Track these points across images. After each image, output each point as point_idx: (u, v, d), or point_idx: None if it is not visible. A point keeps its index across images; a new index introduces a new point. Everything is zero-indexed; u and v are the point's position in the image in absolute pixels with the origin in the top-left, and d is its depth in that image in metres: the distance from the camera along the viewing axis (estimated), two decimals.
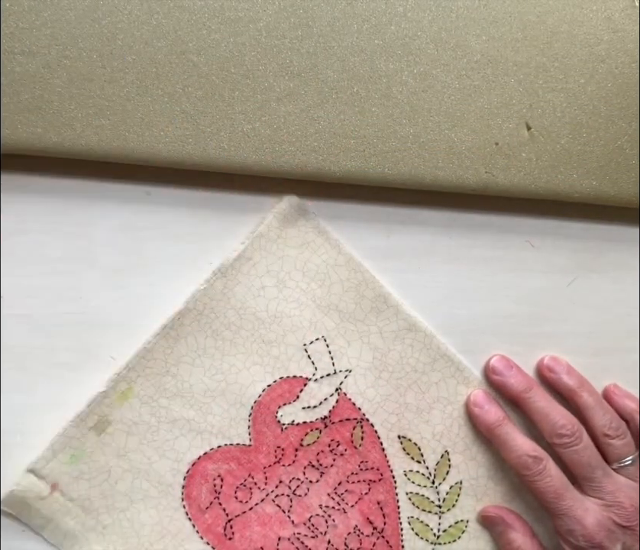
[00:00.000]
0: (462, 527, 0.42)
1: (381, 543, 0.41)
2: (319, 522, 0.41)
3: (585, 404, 0.40)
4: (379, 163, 0.39)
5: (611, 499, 0.38)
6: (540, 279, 0.42)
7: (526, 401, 0.40)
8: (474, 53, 0.39)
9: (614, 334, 0.42)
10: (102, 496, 0.40)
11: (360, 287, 0.41)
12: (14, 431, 0.40)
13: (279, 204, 0.41)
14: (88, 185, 0.40)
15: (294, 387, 0.41)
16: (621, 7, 0.39)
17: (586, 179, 0.39)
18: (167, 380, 0.40)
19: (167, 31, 0.38)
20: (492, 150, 0.39)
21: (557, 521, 0.39)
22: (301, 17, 0.38)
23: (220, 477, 0.41)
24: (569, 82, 0.39)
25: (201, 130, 0.38)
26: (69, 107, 0.38)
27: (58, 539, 0.40)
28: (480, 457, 0.42)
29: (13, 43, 0.37)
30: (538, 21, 0.39)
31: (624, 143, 0.39)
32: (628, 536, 0.38)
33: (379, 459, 0.41)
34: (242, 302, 0.40)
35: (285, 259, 0.41)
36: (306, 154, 0.39)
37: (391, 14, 0.38)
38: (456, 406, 0.42)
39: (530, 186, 0.39)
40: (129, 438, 0.40)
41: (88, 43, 0.38)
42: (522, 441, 0.39)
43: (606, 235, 0.42)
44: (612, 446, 0.39)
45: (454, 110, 0.39)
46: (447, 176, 0.39)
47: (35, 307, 0.40)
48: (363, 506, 0.41)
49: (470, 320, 0.42)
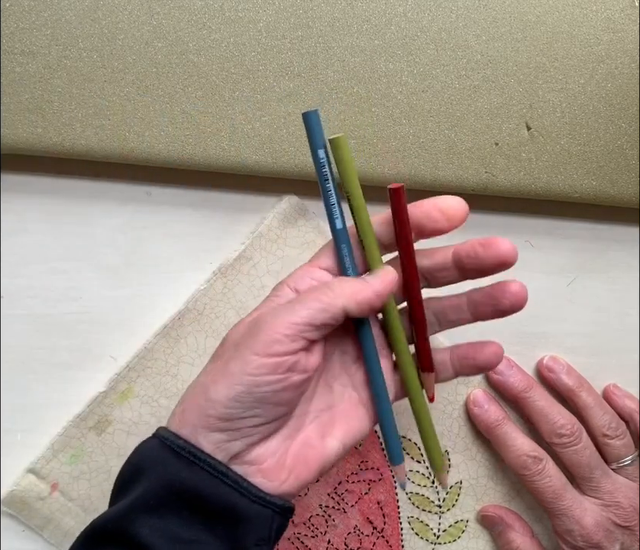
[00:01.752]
0: (462, 527, 0.42)
1: (381, 543, 0.41)
2: (319, 522, 0.41)
3: (584, 404, 0.40)
4: (379, 163, 0.39)
5: (610, 499, 0.38)
6: (540, 279, 0.42)
7: (526, 401, 0.40)
8: (474, 53, 0.39)
9: (614, 334, 0.42)
10: (102, 496, 0.40)
11: None
12: (14, 431, 0.40)
13: (279, 204, 0.41)
14: (88, 185, 0.40)
15: None
16: (621, 7, 0.39)
17: (586, 179, 0.39)
18: (167, 380, 0.40)
19: (167, 31, 0.38)
20: (492, 150, 0.39)
21: (555, 521, 0.39)
22: (301, 17, 0.38)
23: None
24: (569, 82, 0.39)
25: (201, 130, 0.38)
26: (69, 107, 0.38)
27: (58, 539, 0.40)
28: (480, 457, 0.42)
29: (13, 43, 0.37)
30: (537, 21, 0.39)
31: (624, 143, 0.39)
32: (627, 536, 0.38)
33: (379, 459, 0.41)
34: (242, 302, 0.40)
35: (285, 259, 0.41)
36: (306, 154, 0.39)
37: (391, 14, 0.38)
38: (456, 406, 0.42)
39: (530, 186, 0.39)
40: (129, 438, 0.40)
41: (88, 43, 0.38)
42: (521, 441, 0.39)
43: (606, 235, 0.42)
44: (612, 446, 0.39)
45: (454, 110, 0.39)
46: (447, 176, 0.39)
47: (35, 307, 0.40)
48: (363, 506, 0.41)
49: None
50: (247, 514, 0.29)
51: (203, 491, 0.28)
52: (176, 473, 0.28)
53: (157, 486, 0.29)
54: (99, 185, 0.40)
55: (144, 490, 0.29)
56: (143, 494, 0.29)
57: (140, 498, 0.29)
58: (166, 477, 0.29)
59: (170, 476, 0.29)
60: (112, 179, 0.40)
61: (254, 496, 0.29)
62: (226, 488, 0.28)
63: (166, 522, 0.28)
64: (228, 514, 0.29)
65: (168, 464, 0.29)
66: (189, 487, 0.28)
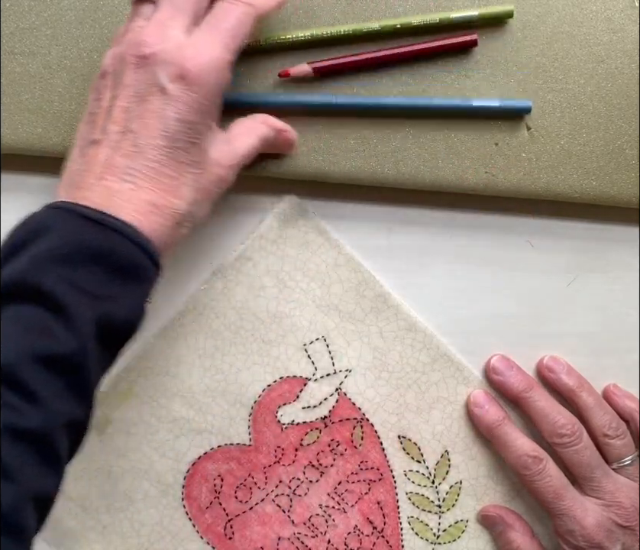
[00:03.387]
0: (462, 527, 0.42)
1: (381, 543, 0.41)
2: (319, 522, 0.41)
3: (584, 404, 0.40)
4: (379, 163, 0.39)
5: (610, 499, 0.38)
6: (540, 279, 0.42)
7: (526, 401, 0.40)
8: (474, 53, 0.39)
9: (614, 334, 0.42)
10: (102, 495, 0.40)
11: (360, 287, 0.41)
12: None
13: (279, 204, 0.41)
14: None
15: (294, 387, 0.41)
16: (621, 7, 0.39)
17: (586, 179, 0.39)
18: (167, 380, 0.40)
19: None
20: (492, 150, 0.39)
21: (556, 521, 0.39)
22: (301, 17, 0.38)
23: (220, 477, 0.41)
24: (569, 83, 0.39)
25: None
26: (70, 107, 0.38)
27: (58, 539, 0.40)
28: (480, 457, 0.42)
29: (13, 43, 0.37)
30: (538, 21, 0.39)
31: (624, 143, 0.39)
32: (628, 536, 0.38)
33: (379, 459, 0.41)
34: (242, 302, 0.40)
35: (285, 259, 0.41)
36: (306, 154, 0.39)
37: (391, 14, 0.38)
38: (456, 406, 0.42)
39: (530, 186, 0.39)
40: (129, 438, 0.40)
41: (88, 44, 0.38)
42: (521, 441, 0.39)
43: (606, 235, 0.42)
44: (612, 446, 0.39)
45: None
46: (447, 176, 0.39)
47: None
48: (363, 506, 0.41)
49: (470, 320, 0.42)
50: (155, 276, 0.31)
51: (110, 246, 0.29)
52: (91, 235, 0.28)
53: (68, 240, 0.28)
54: None
55: (50, 244, 0.28)
56: (49, 247, 0.28)
57: (45, 251, 0.28)
58: (78, 235, 0.28)
59: (84, 235, 0.28)
60: None
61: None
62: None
63: (77, 275, 0.28)
64: (140, 273, 0.30)
65: (77, 225, 0.29)
66: (97, 245, 0.28)
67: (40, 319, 0.27)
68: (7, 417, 0.25)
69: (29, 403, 0.26)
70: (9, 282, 0.27)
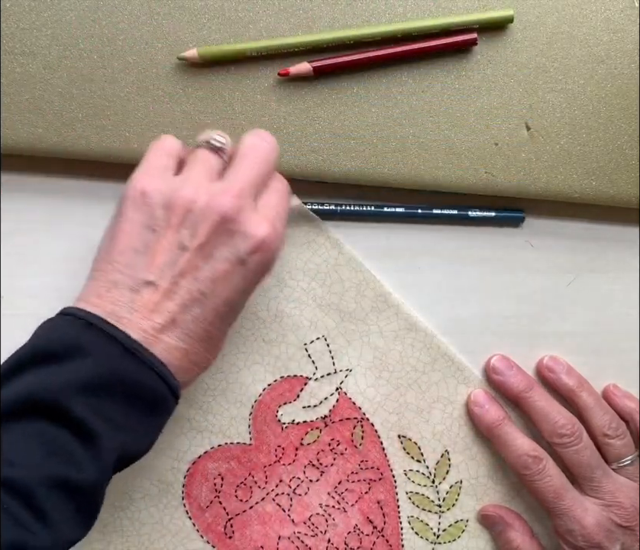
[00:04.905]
0: (462, 526, 0.42)
1: (381, 542, 0.41)
2: (319, 521, 0.41)
3: (584, 404, 0.40)
4: (379, 163, 0.39)
5: (610, 499, 0.38)
6: (540, 279, 0.42)
7: (526, 401, 0.40)
8: (474, 53, 0.39)
9: (614, 334, 0.42)
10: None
11: (360, 287, 0.41)
12: None
13: None
14: (88, 185, 0.40)
15: (294, 386, 0.41)
16: (621, 7, 0.39)
17: (586, 179, 0.39)
18: None
19: (167, 31, 0.38)
20: (491, 150, 0.39)
21: (556, 521, 0.39)
22: (301, 17, 0.38)
23: (220, 476, 0.41)
24: (569, 83, 0.39)
25: (201, 130, 0.38)
26: (70, 107, 0.38)
27: None
28: (480, 457, 0.42)
29: (13, 44, 0.37)
30: (537, 21, 0.39)
31: (624, 143, 0.39)
32: (628, 536, 0.38)
33: (379, 458, 0.41)
34: None
35: (285, 258, 0.41)
36: (306, 154, 0.39)
37: (391, 15, 0.38)
38: (456, 405, 0.42)
39: (530, 186, 0.39)
40: None
41: (88, 44, 0.38)
42: (521, 441, 0.39)
43: (606, 235, 0.42)
44: (612, 446, 0.39)
45: (454, 110, 0.39)
46: (447, 176, 0.39)
47: (35, 307, 0.40)
48: (363, 506, 0.41)
49: (470, 320, 0.42)
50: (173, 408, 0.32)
51: (145, 383, 0.30)
52: (126, 366, 0.29)
53: (104, 371, 0.29)
54: (99, 185, 0.40)
55: (86, 373, 0.29)
56: (84, 376, 0.29)
57: (79, 379, 0.28)
58: (114, 366, 0.29)
59: (119, 366, 0.29)
60: (112, 179, 0.40)
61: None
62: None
63: (107, 404, 0.29)
64: (163, 409, 0.31)
65: (115, 355, 0.29)
66: (133, 379, 0.29)
67: (64, 442, 0.28)
68: (19, 535, 0.26)
69: (41, 524, 0.27)
70: (37, 396, 0.28)
